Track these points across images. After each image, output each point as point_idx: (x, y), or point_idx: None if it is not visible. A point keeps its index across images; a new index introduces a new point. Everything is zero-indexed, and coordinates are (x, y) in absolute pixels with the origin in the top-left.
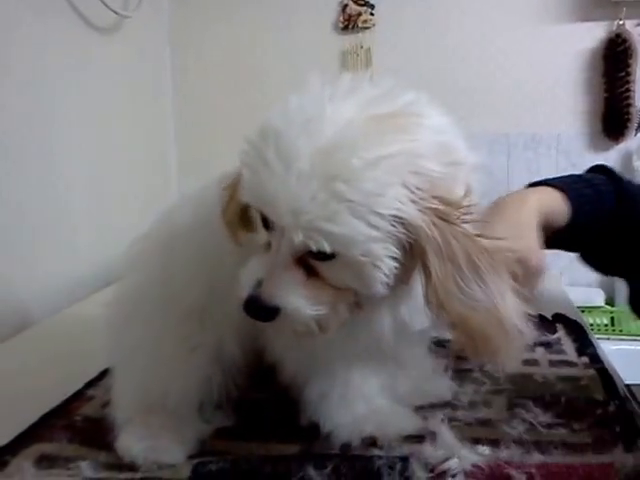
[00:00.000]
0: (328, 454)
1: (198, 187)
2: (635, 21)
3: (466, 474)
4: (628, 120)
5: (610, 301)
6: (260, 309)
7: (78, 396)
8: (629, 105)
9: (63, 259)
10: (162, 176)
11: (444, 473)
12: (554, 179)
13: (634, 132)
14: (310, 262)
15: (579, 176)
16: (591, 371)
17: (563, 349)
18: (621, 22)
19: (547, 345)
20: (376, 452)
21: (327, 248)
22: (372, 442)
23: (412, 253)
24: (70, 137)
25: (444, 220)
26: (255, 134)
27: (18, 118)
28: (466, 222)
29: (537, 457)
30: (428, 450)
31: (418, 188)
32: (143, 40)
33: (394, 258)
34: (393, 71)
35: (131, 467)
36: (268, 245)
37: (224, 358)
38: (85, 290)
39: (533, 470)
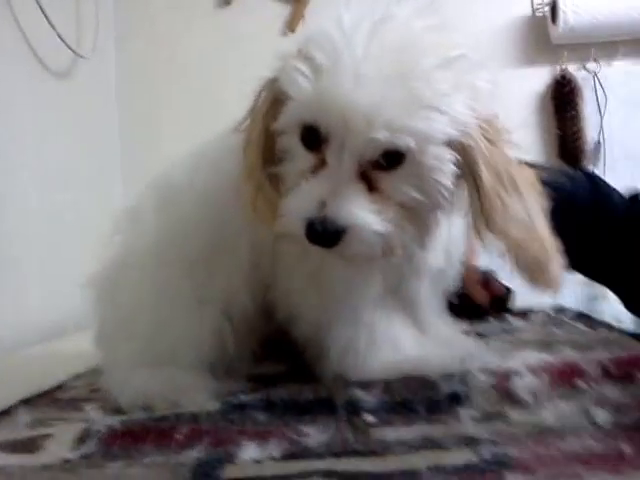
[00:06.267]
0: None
1: (189, 151)
2: (576, 65)
3: (534, 372)
4: (582, 158)
5: None
6: (326, 232)
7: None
8: (581, 142)
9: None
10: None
11: (509, 374)
12: None
13: (590, 167)
14: (373, 176)
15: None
16: None
17: None
18: (564, 66)
19: None
20: None
21: (412, 143)
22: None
23: (463, 163)
24: (21, 178)
25: (488, 137)
26: (300, 50)
27: None
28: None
29: (606, 354)
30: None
31: (475, 97)
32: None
33: (454, 165)
34: None
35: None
36: (315, 167)
37: (235, 311)
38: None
39: (606, 362)
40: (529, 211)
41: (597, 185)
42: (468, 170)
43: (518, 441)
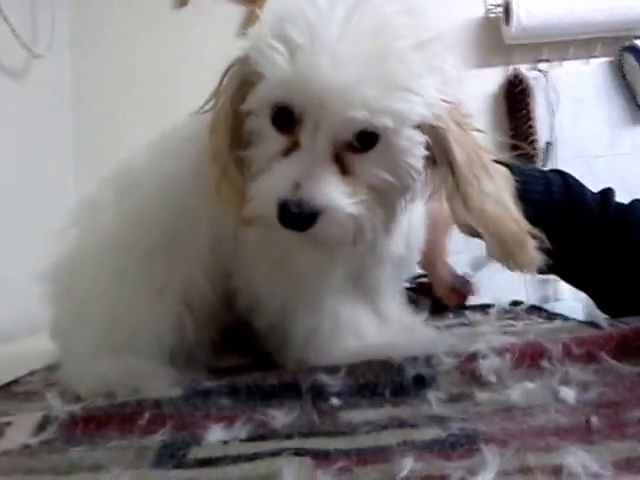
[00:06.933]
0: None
1: (149, 140)
2: (527, 65)
3: (498, 353)
4: (534, 155)
5: None
6: (301, 214)
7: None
8: (533, 141)
9: None
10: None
11: (474, 356)
12: None
13: (540, 166)
14: (346, 158)
15: None
16: None
17: None
18: (516, 66)
19: None
20: None
21: (389, 123)
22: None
23: (434, 146)
24: None
25: (456, 120)
26: (272, 29)
27: None
28: (473, 129)
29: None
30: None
31: (444, 81)
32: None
33: (425, 148)
34: None
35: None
36: (287, 149)
37: (194, 299)
38: None
39: (568, 342)
40: (501, 193)
41: (570, 184)
42: (440, 152)
43: (486, 418)
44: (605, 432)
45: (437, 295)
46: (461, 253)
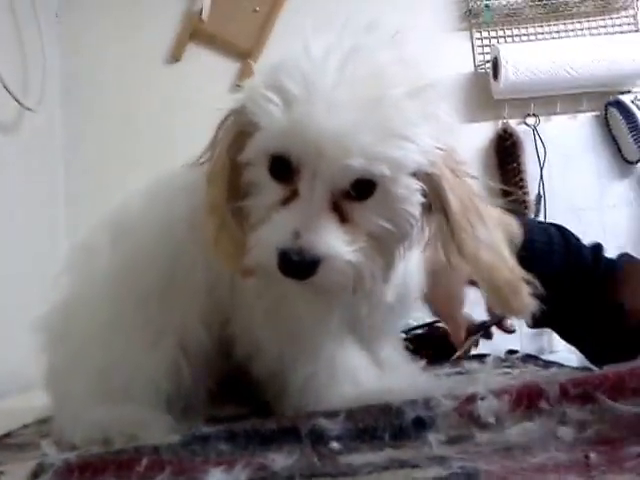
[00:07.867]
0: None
1: (143, 186)
2: (516, 119)
3: (496, 394)
4: (525, 208)
5: None
6: (302, 263)
7: None
8: (524, 194)
9: None
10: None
11: (472, 398)
12: None
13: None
14: (344, 206)
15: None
16: None
17: None
18: (505, 120)
19: None
20: None
21: (386, 171)
22: None
23: (430, 193)
24: None
25: (451, 167)
26: (267, 79)
27: None
28: (466, 176)
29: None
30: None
31: (438, 128)
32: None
33: (422, 195)
34: None
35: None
36: (285, 199)
37: (190, 346)
38: None
39: (564, 382)
40: (495, 239)
41: (568, 238)
42: (435, 199)
43: (486, 457)
44: (604, 467)
45: (455, 344)
46: None
